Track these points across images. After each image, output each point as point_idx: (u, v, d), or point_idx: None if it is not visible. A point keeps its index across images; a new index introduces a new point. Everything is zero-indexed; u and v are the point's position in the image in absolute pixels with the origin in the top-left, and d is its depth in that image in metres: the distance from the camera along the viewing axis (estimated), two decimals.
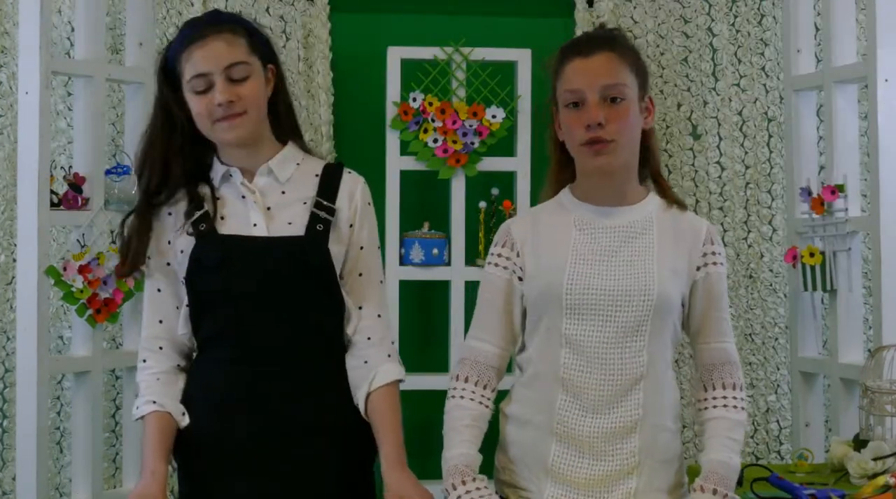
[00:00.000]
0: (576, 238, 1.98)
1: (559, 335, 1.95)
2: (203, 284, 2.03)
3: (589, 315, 1.94)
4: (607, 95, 1.94)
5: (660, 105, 3.59)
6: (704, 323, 2.03)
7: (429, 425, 2.59)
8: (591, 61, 1.95)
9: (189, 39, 2.03)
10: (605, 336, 1.94)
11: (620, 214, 2.00)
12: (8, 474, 3.26)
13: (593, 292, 1.94)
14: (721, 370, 2.03)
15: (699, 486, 1.92)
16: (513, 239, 2.03)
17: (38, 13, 2.92)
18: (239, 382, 2.02)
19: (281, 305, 2.02)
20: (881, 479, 2.31)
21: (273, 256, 2.03)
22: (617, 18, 3.59)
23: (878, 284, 2.97)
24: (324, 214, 2.06)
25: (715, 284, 2.02)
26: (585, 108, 1.94)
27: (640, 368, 1.94)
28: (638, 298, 1.93)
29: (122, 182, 3.17)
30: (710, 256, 2.02)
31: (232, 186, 2.09)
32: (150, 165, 2.10)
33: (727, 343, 2.05)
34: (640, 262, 1.96)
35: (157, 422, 2.04)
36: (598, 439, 1.93)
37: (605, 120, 1.92)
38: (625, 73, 1.96)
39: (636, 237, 1.98)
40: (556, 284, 1.95)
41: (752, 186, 3.59)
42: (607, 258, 1.96)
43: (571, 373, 1.94)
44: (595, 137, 1.93)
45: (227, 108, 2.00)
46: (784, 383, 3.55)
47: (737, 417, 2.00)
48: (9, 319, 3.27)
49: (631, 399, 1.93)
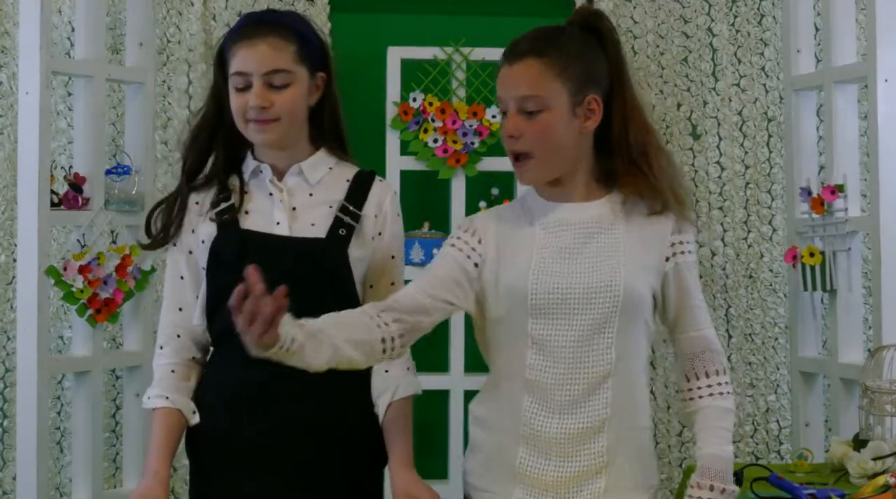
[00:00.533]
0: (539, 236, 1.94)
1: (525, 336, 1.91)
2: (220, 277, 2.04)
3: (555, 315, 1.90)
4: (523, 108, 1.89)
5: (660, 105, 3.59)
6: (680, 314, 1.98)
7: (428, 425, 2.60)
8: (513, 70, 1.92)
9: (239, 34, 2.04)
10: (572, 335, 1.90)
11: (584, 210, 1.95)
12: (8, 473, 3.26)
13: (558, 291, 1.90)
14: (702, 359, 1.98)
15: (696, 483, 1.90)
16: (475, 227, 1.98)
17: (38, 13, 2.92)
18: (250, 381, 2.01)
19: (295, 306, 2.01)
20: (881, 479, 2.31)
21: (291, 256, 2.02)
22: (617, 18, 3.59)
23: (878, 284, 2.97)
24: (348, 220, 2.06)
25: (685, 274, 1.97)
26: (507, 118, 1.92)
27: (608, 365, 1.90)
28: (604, 294, 1.89)
29: (122, 182, 3.17)
30: (679, 246, 1.97)
31: (261, 183, 2.09)
32: (196, 151, 2.12)
33: (705, 330, 2.00)
34: (606, 258, 1.91)
35: (166, 420, 2.04)
36: (565, 440, 1.90)
37: (521, 132, 1.89)
38: (547, 83, 1.89)
39: (601, 233, 1.93)
40: (521, 285, 1.91)
41: (752, 186, 3.59)
42: (571, 256, 1.92)
43: (538, 374, 1.90)
44: (511, 150, 1.92)
45: (260, 113, 2.01)
46: (784, 383, 3.55)
47: (724, 404, 1.96)
48: (9, 319, 3.28)
49: (598, 398, 1.90)
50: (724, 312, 3.58)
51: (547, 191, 1.98)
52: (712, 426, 1.95)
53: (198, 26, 3.46)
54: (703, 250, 3.58)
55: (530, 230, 1.95)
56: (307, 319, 1.81)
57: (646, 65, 3.60)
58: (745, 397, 3.55)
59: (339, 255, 2.03)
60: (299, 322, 1.79)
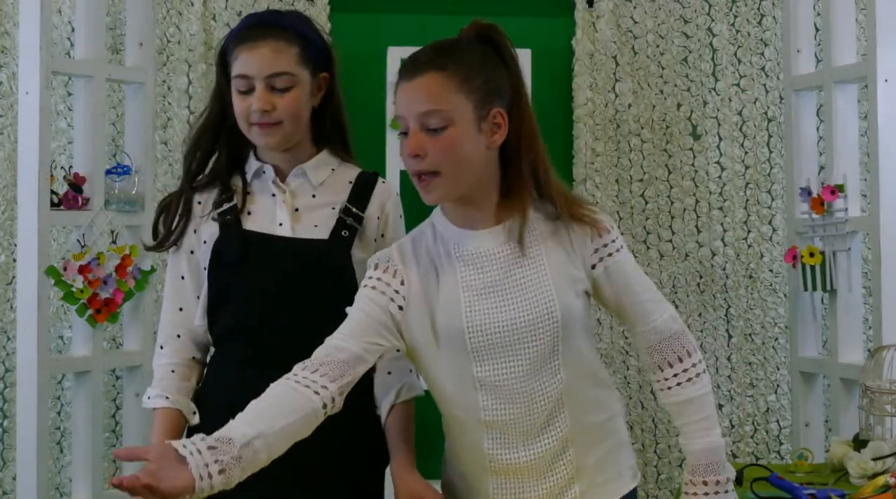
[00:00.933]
0: (462, 273, 1.84)
1: (471, 380, 1.83)
2: (221, 278, 2.03)
3: (497, 355, 1.81)
4: (426, 124, 1.79)
5: (660, 105, 3.59)
6: (624, 313, 1.90)
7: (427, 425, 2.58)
8: (413, 86, 1.80)
9: (241, 37, 2.03)
10: (519, 371, 1.82)
11: (497, 236, 1.85)
12: (8, 473, 3.26)
13: (497, 330, 1.81)
14: (663, 349, 1.89)
15: (689, 481, 1.88)
16: (395, 267, 1.87)
17: (38, 13, 2.93)
18: (250, 383, 2.00)
19: (296, 308, 2.01)
20: (881, 479, 2.31)
21: (292, 257, 2.01)
22: (617, 18, 3.59)
23: (878, 284, 2.97)
24: (350, 221, 2.06)
25: (620, 275, 1.88)
26: (408, 137, 1.81)
27: (560, 385, 1.83)
28: (544, 324, 1.81)
29: (122, 182, 3.17)
30: (603, 250, 1.88)
31: (263, 183, 2.08)
32: (200, 152, 2.10)
33: (658, 320, 1.89)
34: (535, 283, 1.82)
35: (166, 420, 2.04)
36: (534, 464, 1.86)
37: (425, 151, 1.79)
38: (449, 96, 1.78)
39: (523, 258, 1.84)
40: (456, 328, 1.81)
41: (752, 186, 3.59)
42: (499, 289, 1.83)
43: (493, 414, 1.83)
44: (415, 170, 1.81)
45: (263, 116, 2.00)
46: (784, 383, 3.55)
47: (698, 390, 1.89)
48: (9, 319, 3.28)
49: (558, 419, 1.85)
50: (724, 312, 3.58)
51: (457, 215, 1.88)
52: (691, 421, 1.89)
53: (198, 26, 3.46)
54: (703, 250, 3.58)
55: (450, 267, 1.85)
56: (222, 431, 1.69)
57: (646, 65, 3.60)
58: (745, 397, 3.56)
59: (341, 256, 2.03)
60: (215, 445, 1.66)
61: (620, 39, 3.60)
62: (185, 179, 2.11)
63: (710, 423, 1.90)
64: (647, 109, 3.60)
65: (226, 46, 2.07)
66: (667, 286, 3.57)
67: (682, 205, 3.60)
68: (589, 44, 3.58)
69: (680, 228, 3.59)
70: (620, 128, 3.59)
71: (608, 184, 3.56)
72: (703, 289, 3.59)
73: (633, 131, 3.59)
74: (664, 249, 3.59)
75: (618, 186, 3.58)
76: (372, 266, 1.90)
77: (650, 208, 3.59)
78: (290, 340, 1.99)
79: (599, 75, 3.57)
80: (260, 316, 2.01)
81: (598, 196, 3.54)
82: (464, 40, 1.87)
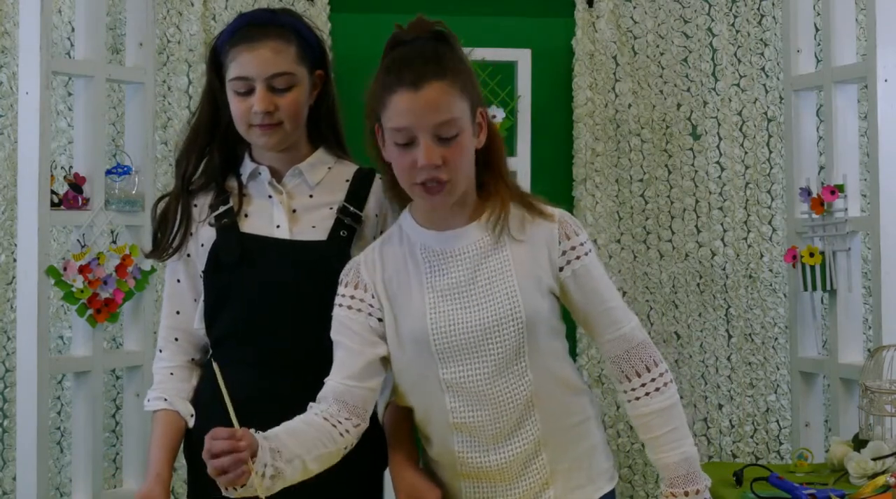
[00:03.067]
0: (427, 275, 1.84)
1: (438, 382, 1.83)
2: (219, 281, 2.02)
3: (462, 356, 1.81)
4: (440, 135, 1.76)
5: (660, 105, 3.59)
6: (591, 320, 1.88)
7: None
8: (421, 96, 1.75)
9: (237, 38, 1.99)
10: (486, 371, 1.81)
11: (465, 235, 1.85)
12: (8, 474, 3.26)
13: (461, 332, 1.81)
14: (629, 359, 1.87)
15: (669, 493, 1.87)
16: (364, 281, 1.87)
17: (38, 13, 2.92)
18: (248, 385, 2.00)
19: (295, 310, 1.99)
20: (881, 479, 2.31)
21: (291, 259, 2.00)
22: (617, 18, 3.59)
23: (878, 284, 2.97)
24: (349, 221, 2.04)
25: (588, 279, 1.86)
26: (417, 149, 1.76)
27: (528, 387, 1.82)
28: (508, 324, 1.80)
29: (122, 182, 3.17)
30: (571, 253, 1.85)
31: (259, 185, 2.07)
32: (193, 155, 2.07)
33: (625, 328, 1.88)
34: (500, 283, 1.82)
35: (165, 421, 2.04)
36: (505, 467, 1.85)
37: (441, 159, 1.76)
38: (456, 103, 1.77)
39: (488, 256, 1.83)
40: (421, 331, 1.82)
41: (752, 186, 3.59)
42: (464, 290, 1.82)
43: (461, 417, 1.83)
44: (429, 178, 1.77)
45: (264, 117, 1.98)
46: (784, 383, 3.55)
47: (664, 401, 1.87)
48: (9, 319, 3.27)
49: (528, 422, 1.84)
50: (724, 312, 3.58)
51: (428, 216, 1.87)
52: (661, 433, 1.87)
53: (198, 26, 3.46)
54: (703, 250, 3.58)
55: (415, 269, 1.86)
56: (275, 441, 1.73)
57: (646, 65, 3.60)
58: (745, 397, 3.56)
59: (340, 256, 2.01)
60: (273, 449, 1.71)
61: (620, 39, 3.60)
62: (180, 183, 2.08)
63: (681, 433, 1.88)
64: (647, 109, 3.60)
65: (219, 47, 2.03)
66: (667, 286, 3.57)
67: (682, 205, 3.60)
68: (589, 44, 3.58)
69: (680, 228, 3.59)
70: (620, 128, 3.59)
71: (608, 184, 3.56)
72: (703, 289, 3.59)
73: (633, 131, 3.59)
74: (664, 249, 3.59)
75: (618, 186, 3.58)
76: (342, 283, 1.91)
77: (650, 208, 3.59)
78: (289, 343, 1.99)
79: (599, 75, 3.57)
80: (258, 319, 2.00)
81: (598, 196, 3.54)
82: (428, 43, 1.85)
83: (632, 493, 3.54)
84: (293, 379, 1.99)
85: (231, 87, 2.00)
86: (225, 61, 2.02)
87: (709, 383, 3.58)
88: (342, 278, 1.91)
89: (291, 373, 1.99)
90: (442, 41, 1.86)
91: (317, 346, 1.98)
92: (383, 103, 1.81)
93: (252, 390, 1.99)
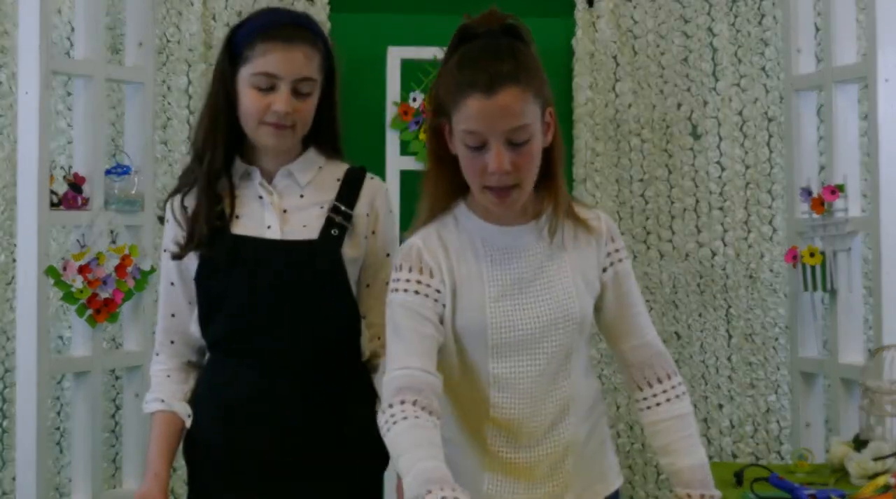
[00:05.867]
0: (489, 269, 1.83)
1: (486, 375, 1.82)
2: (211, 284, 2.01)
3: (516, 352, 1.82)
4: (512, 140, 1.75)
5: (660, 105, 3.60)
6: (623, 324, 1.90)
7: None
8: (495, 102, 1.73)
9: (272, 34, 1.96)
10: (536, 370, 1.82)
11: (528, 233, 1.85)
12: (8, 474, 3.26)
13: (518, 328, 1.81)
14: (652, 365, 1.90)
15: (685, 494, 1.86)
16: (429, 266, 1.83)
17: (38, 13, 2.93)
18: (244, 387, 1.99)
19: (289, 311, 1.99)
20: (881, 479, 2.31)
21: (283, 260, 1.99)
22: (617, 18, 3.59)
23: (878, 284, 2.97)
24: (340, 220, 2.02)
25: (624, 283, 1.89)
26: (488, 153, 1.75)
27: (569, 389, 1.84)
28: (563, 324, 1.82)
29: (122, 182, 3.17)
30: (615, 255, 1.89)
31: (250, 186, 2.05)
32: (215, 145, 2.02)
33: (649, 336, 1.91)
34: (559, 283, 1.83)
35: (163, 422, 2.04)
36: (533, 468, 1.85)
37: (511, 165, 1.75)
38: (529, 108, 1.76)
39: (548, 255, 1.84)
40: (479, 323, 1.81)
41: (752, 186, 3.59)
42: (525, 287, 1.83)
43: (502, 412, 1.83)
44: (499, 183, 1.76)
45: (283, 118, 1.96)
46: (784, 383, 3.55)
47: (683, 409, 1.90)
48: (9, 319, 3.28)
49: (563, 423, 1.85)
50: (724, 312, 3.58)
51: (484, 210, 1.85)
52: (680, 437, 1.89)
53: (198, 26, 3.46)
54: (704, 250, 3.58)
55: (475, 260, 1.85)
56: (442, 474, 1.63)
57: (646, 65, 3.60)
58: (745, 397, 3.56)
59: (331, 256, 2.00)
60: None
61: (620, 39, 3.60)
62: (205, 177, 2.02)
63: (697, 441, 1.91)
64: (647, 109, 3.60)
65: (242, 37, 2.00)
66: (667, 286, 3.57)
67: (682, 205, 3.60)
68: (589, 44, 3.58)
69: (680, 228, 3.59)
70: (620, 128, 3.59)
71: (608, 184, 3.56)
72: (703, 289, 3.59)
73: (633, 131, 3.59)
74: (664, 249, 3.59)
75: (618, 186, 3.58)
76: (402, 267, 1.85)
77: (650, 208, 3.59)
78: (285, 344, 1.99)
79: (599, 75, 3.57)
80: (252, 321, 1.99)
81: (598, 196, 3.54)
82: (507, 40, 1.81)
83: (632, 493, 3.54)
84: (291, 379, 1.99)
85: (251, 81, 1.97)
86: (248, 53, 1.98)
87: (709, 383, 3.58)
88: (400, 263, 1.86)
89: (289, 373, 1.99)
90: (515, 37, 1.83)
91: (312, 345, 1.98)
92: (456, 104, 1.77)
93: (251, 391, 1.99)
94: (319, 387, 2.00)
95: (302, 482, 2.00)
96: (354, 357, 2.07)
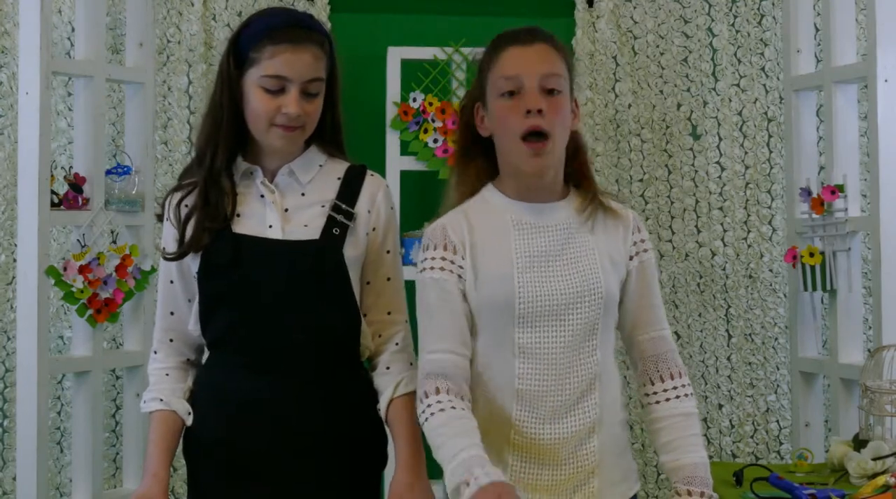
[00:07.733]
0: (517, 242, 1.91)
1: (512, 345, 1.87)
2: (212, 283, 2.01)
3: (542, 322, 1.87)
4: (545, 86, 1.87)
5: (660, 105, 3.60)
6: (642, 313, 1.96)
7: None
8: (531, 49, 1.90)
9: (280, 36, 1.96)
10: (561, 342, 1.87)
11: (555, 211, 1.93)
12: (8, 474, 3.26)
13: (545, 299, 1.87)
14: (666, 360, 1.96)
15: (686, 491, 1.88)
16: (453, 242, 1.92)
17: (39, 13, 2.93)
18: (245, 386, 1.99)
19: (290, 310, 1.98)
20: (881, 479, 2.31)
21: (284, 259, 1.98)
22: (617, 18, 3.60)
23: (878, 284, 2.97)
24: (341, 218, 2.02)
25: (648, 273, 1.97)
26: (523, 95, 1.86)
27: (595, 366, 1.89)
28: (589, 298, 1.88)
29: (122, 182, 3.17)
30: (641, 245, 1.97)
31: (252, 184, 2.05)
32: (217, 146, 2.02)
33: (664, 330, 1.98)
34: (585, 259, 1.90)
35: (162, 422, 2.04)
36: (558, 446, 1.88)
37: (545, 109, 1.86)
38: (561, 66, 1.91)
39: (575, 234, 1.92)
40: (507, 294, 1.87)
41: (752, 186, 3.59)
42: (552, 260, 1.90)
43: (527, 383, 1.87)
44: (534, 125, 1.85)
45: (293, 120, 1.96)
46: (784, 383, 3.55)
47: (690, 408, 1.95)
48: (9, 319, 3.28)
49: (588, 401, 1.89)
50: (724, 312, 3.59)
51: (519, 188, 1.94)
52: (686, 435, 1.92)
53: (198, 26, 3.46)
54: (703, 250, 3.58)
55: (504, 235, 1.91)
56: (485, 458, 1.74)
57: (646, 65, 3.60)
58: (745, 397, 3.56)
59: (334, 255, 2.00)
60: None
61: (620, 39, 3.60)
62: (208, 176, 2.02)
63: (700, 440, 1.95)
64: (647, 109, 3.60)
65: (250, 39, 1.98)
66: (667, 286, 3.57)
67: (682, 205, 3.60)
68: (589, 44, 3.58)
69: (680, 228, 3.60)
70: (620, 128, 3.59)
71: (608, 184, 3.56)
72: (703, 289, 3.59)
73: (633, 131, 3.59)
74: (664, 249, 3.59)
75: (618, 186, 3.58)
76: (430, 246, 1.94)
77: (650, 208, 3.59)
78: (284, 343, 1.99)
79: (599, 75, 3.58)
80: (253, 320, 1.99)
81: None
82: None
83: None
84: (291, 379, 1.99)
85: (260, 82, 1.96)
86: (255, 55, 1.97)
87: (709, 382, 3.58)
88: (427, 242, 1.95)
89: (289, 373, 1.99)
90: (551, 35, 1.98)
91: (313, 344, 1.98)
92: (493, 60, 1.92)
93: (251, 390, 1.99)
94: (320, 386, 2.00)
95: (302, 481, 2.00)
96: (355, 356, 2.07)
